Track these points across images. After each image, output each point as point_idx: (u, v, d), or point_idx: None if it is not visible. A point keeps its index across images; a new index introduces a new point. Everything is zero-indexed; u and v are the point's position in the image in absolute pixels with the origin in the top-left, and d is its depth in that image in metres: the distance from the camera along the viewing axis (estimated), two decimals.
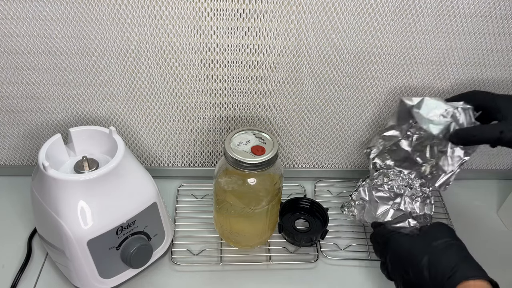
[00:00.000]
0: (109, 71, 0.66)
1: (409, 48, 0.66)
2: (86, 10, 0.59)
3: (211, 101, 0.71)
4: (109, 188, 0.56)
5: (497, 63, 0.68)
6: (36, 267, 0.66)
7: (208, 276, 0.66)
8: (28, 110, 0.71)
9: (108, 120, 0.73)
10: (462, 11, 0.62)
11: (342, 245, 0.71)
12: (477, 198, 0.81)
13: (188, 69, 0.67)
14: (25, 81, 0.67)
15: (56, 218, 0.54)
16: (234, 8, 0.60)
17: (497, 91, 0.72)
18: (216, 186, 0.63)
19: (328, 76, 0.68)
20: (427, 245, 0.54)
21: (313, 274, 0.67)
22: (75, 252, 0.56)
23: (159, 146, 0.77)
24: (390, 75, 0.69)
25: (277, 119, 0.74)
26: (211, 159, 0.80)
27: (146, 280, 0.65)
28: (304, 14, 0.61)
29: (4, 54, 0.63)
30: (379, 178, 0.66)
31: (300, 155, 0.80)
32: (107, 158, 0.62)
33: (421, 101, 0.62)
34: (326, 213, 0.71)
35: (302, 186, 0.81)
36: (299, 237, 0.69)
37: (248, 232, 0.67)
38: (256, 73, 0.68)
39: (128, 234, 0.59)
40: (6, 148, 0.76)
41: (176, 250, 0.68)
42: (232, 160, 0.58)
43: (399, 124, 0.65)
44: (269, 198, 0.62)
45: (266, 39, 0.64)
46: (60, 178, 0.54)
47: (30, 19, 0.60)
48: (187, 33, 0.63)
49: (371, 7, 0.61)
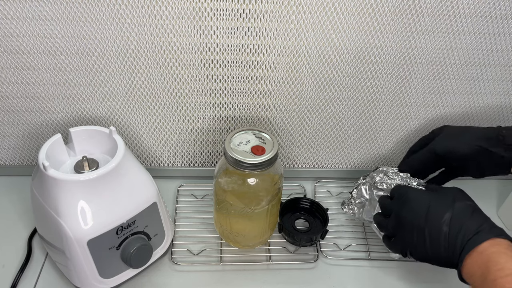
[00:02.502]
0: (109, 71, 0.66)
1: (409, 48, 0.66)
2: (86, 10, 0.59)
3: (211, 101, 0.71)
4: (109, 188, 0.56)
5: (497, 63, 0.68)
6: (36, 267, 0.66)
7: (208, 276, 0.66)
8: (28, 110, 0.71)
9: (108, 120, 0.73)
10: (462, 11, 0.62)
11: (342, 245, 0.71)
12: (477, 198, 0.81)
13: (188, 69, 0.67)
14: (25, 81, 0.67)
15: (56, 218, 0.54)
16: (234, 8, 0.60)
17: (497, 90, 0.72)
18: (216, 186, 0.63)
19: (328, 76, 0.68)
20: (450, 203, 0.52)
21: (313, 274, 0.67)
22: (75, 252, 0.55)
23: (159, 146, 0.77)
24: (390, 75, 0.69)
25: (277, 119, 0.74)
26: (211, 159, 0.80)
27: (146, 280, 0.65)
28: (304, 14, 0.61)
29: (4, 54, 0.63)
30: (379, 176, 0.66)
31: (300, 155, 0.80)
32: (107, 158, 0.62)
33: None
34: (326, 213, 0.71)
35: (302, 186, 0.81)
36: (299, 237, 0.69)
37: (248, 232, 0.67)
38: (256, 73, 0.68)
39: (128, 234, 0.59)
40: (6, 148, 0.76)
41: (176, 250, 0.68)
42: (232, 160, 0.58)
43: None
44: (269, 198, 0.62)
45: (266, 39, 0.64)
46: (60, 178, 0.54)
47: (30, 19, 0.60)
48: (187, 33, 0.63)
49: (371, 7, 0.61)
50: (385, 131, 0.77)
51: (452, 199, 0.53)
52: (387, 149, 0.80)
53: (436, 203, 0.53)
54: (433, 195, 0.55)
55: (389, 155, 0.81)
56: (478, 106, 0.74)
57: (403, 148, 0.80)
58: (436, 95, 0.72)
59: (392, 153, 0.81)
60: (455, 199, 0.53)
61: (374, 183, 0.66)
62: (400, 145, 0.80)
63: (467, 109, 0.75)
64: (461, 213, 0.51)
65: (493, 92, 0.72)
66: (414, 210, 0.54)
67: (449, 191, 0.55)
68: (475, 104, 0.74)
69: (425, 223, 0.52)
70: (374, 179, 0.66)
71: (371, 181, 0.67)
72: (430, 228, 0.51)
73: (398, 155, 0.81)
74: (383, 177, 0.66)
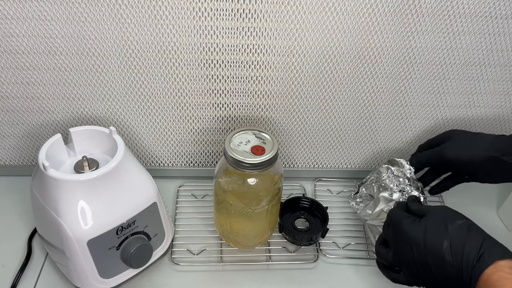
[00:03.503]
0: (109, 71, 0.66)
1: (409, 48, 0.66)
2: (86, 10, 0.59)
3: (211, 101, 0.71)
4: (109, 188, 0.56)
5: (497, 63, 0.68)
6: (36, 267, 0.66)
7: (208, 276, 0.66)
8: (28, 110, 0.71)
9: (108, 120, 0.73)
10: (462, 11, 0.62)
11: (341, 243, 0.71)
12: (477, 198, 0.81)
13: (188, 69, 0.67)
14: (25, 81, 0.67)
15: (56, 218, 0.54)
16: (234, 8, 0.60)
17: (497, 90, 0.72)
18: (216, 186, 0.63)
19: (328, 76, 0.68)
20: (443, 230, 0.50)
21: (313, 274, 0.67)
22: (75, 252, 0.56)
23: (159, 146, 0.77)
24: (390, 75, 0.69)
25: (277, 119, 0.74)
26: (211, 159, 0.80)
27: (146, 280, 0.65)
28: (304, 14, 0.61)
29: (4, 54, 0.63)
30: (386, 174, 0.67)
31: (300, 155, 0.80)
32: (107, 158, 0.62)
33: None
34: (326, 212, 0.71)
35: (302, 186, 0.81)
36: (299, 237, 0.69)
37: (248, 232, 0.67)
38: (256, 73, 0.68)
39: (128, 234, 0.59)
40: (6, 148, 0.76)
41: (176, 250, 0.68)
42: (232, 160, 0.58)
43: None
44: (269, 198, 0.62)
45: (266, 39, 0.64)
46: (60, 178, 0.54)
47: (30, 19, 0.60)
48: (187, 33, 0.63)
49: (371, 7, 0.61)
50: (385, 131, 0.77)
51: (444, 223, 0.50)
52: (387, 149, 0.80)
53: (430, 234, 0.51)
54: (424, 223, 0.52)
55: (389, 155, 0.81)
56: (478, 106, 0.74)
57: (403, 148, 0.80)
58: (436, 95, 0.72)
59: (392, 153, 0.81)
60: (446, 222, 0.51)
61: (381, 180, 0.66)
62: (400, 145, 0.80)
63: (467, 109, 0.75)
64: (457, 237, 0.49)
65: (493, 92, 0.72)
66: (411, 244, 0.51)
67: (438, 214, 0.53)
68: (475, 104, 0.74)
69: (426, 256, 0.50)
70: (381, 176, 0.67)
71: (378, 177, 0.67)
72: (433, 260, 0.49)
73: (398, 155, 0.81)
74: (389, 176, 0.66)
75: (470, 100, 0.73)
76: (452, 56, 0.67)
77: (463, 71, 0.69)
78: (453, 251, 0.48)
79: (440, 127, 0.77)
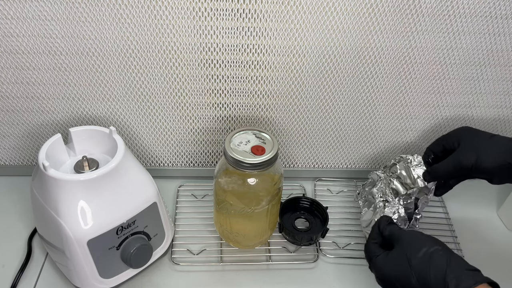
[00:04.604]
0: (109, 71, 0.66)
1: (409, 48, 0.66)
2: (86, 10, 0.59)
3: (211, 101, 0.71)
4: (109, 188, 0.56)
5: (497, 63, 0.68)
6: (36, 267, 0.66)
7: (208, 276, 0.66)
8: (28, 110, 0.71)
9: (108, 120, 0.73)
10: (462, 11, 0.62)
11: (341, 243, 0.71)
12: (477, 198, 0.81)
13: (188, 69, 0.67)
14: (25, 81, 0.67)
15: (56, 218, 0.54)
16: (234, 8, 0.60)
17: (497, 90, 0.72)
18: (216, 186, 0.63)
19: (328, 76, 0.68)
20: (408, 266, 0.50)
21: (313, 274, 0.67)
22: (75, 252, 0.56)
23: (159, 146, 0.77)
24: (390, 75, 0.69)
25: (277, 119, 0.74)
26: (211, 159, 0.80)
27: (146, 280, 0.65)
28: (304, 14, 0.61)
29: (4, 54, 0.63)
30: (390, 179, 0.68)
31: (300, 155, 0.80)
32: (107, 158, 0.62)
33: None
34: (326, 212, 0.71)
35: (302, 186, 0.81)
36: (299, 236, 0.69)
37: (248, 232, 0.67)
38: (256, 73, 0.68)
39: (128, 234, 0.59)
40: (6, 148, 0.76)
41: (176, 250, 0.68)
42: (232, 160, 0.58)
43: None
44: (269, 198, 0.62)
45: (266, 39, 0.64)
46: (60, 178, 0.54)
47: (30, 19, 0.60)
48: (187, 33, 0.63)
49: (371, 7, 0.61)
50: (385, 131, 0.77)
51: (406, 258, 0.51)
52: (387, 149, 0.80)
53: (399, 272, 0.51)
54: (391, 260, 0.53)
55: (389, 155, 0.81)
56: (478, 106, 0.74)
57: (403, 148, 0.80)
58: (436, 95, 0.72)
59: (392, 153, 0.81)
60: (410, 255, 0.51)
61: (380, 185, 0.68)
62: (400, 145, 0.80)
63: (467, 109, 0.75)
64: (422, 269, 0.49)
65: (493, 92, 0.72)
66: (387, 280, 0.53)
67: (404, 244, 0.53)
68: (475, 104, 0.74)
69: None
70: (374, 182, 0.68)
71: (384, 179, 0.69)
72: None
73: (398, 155, 0.81)
74: (392, 181, 0.68)
75: (470, 100, 0.73)
76: (452, 56, 0.67)
77: (463, 71, 0.69)
78: (422, 285, 0.49)
79: (440, 127, 0.77)
